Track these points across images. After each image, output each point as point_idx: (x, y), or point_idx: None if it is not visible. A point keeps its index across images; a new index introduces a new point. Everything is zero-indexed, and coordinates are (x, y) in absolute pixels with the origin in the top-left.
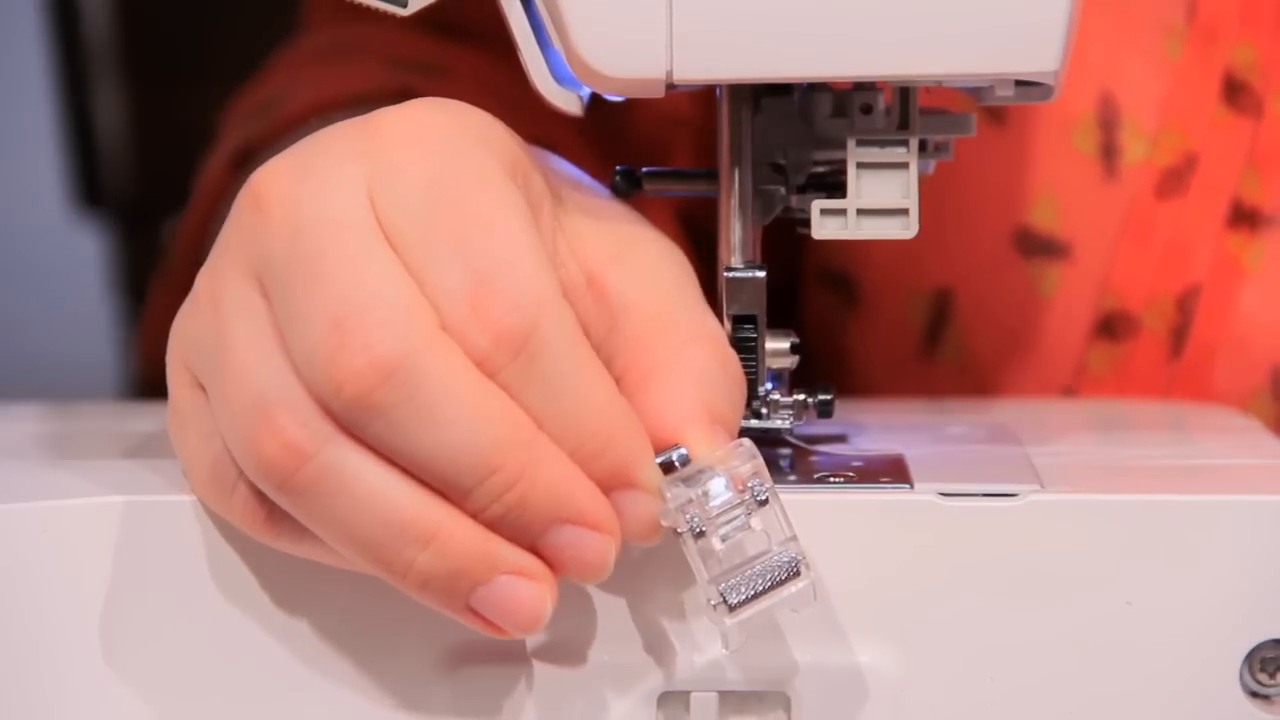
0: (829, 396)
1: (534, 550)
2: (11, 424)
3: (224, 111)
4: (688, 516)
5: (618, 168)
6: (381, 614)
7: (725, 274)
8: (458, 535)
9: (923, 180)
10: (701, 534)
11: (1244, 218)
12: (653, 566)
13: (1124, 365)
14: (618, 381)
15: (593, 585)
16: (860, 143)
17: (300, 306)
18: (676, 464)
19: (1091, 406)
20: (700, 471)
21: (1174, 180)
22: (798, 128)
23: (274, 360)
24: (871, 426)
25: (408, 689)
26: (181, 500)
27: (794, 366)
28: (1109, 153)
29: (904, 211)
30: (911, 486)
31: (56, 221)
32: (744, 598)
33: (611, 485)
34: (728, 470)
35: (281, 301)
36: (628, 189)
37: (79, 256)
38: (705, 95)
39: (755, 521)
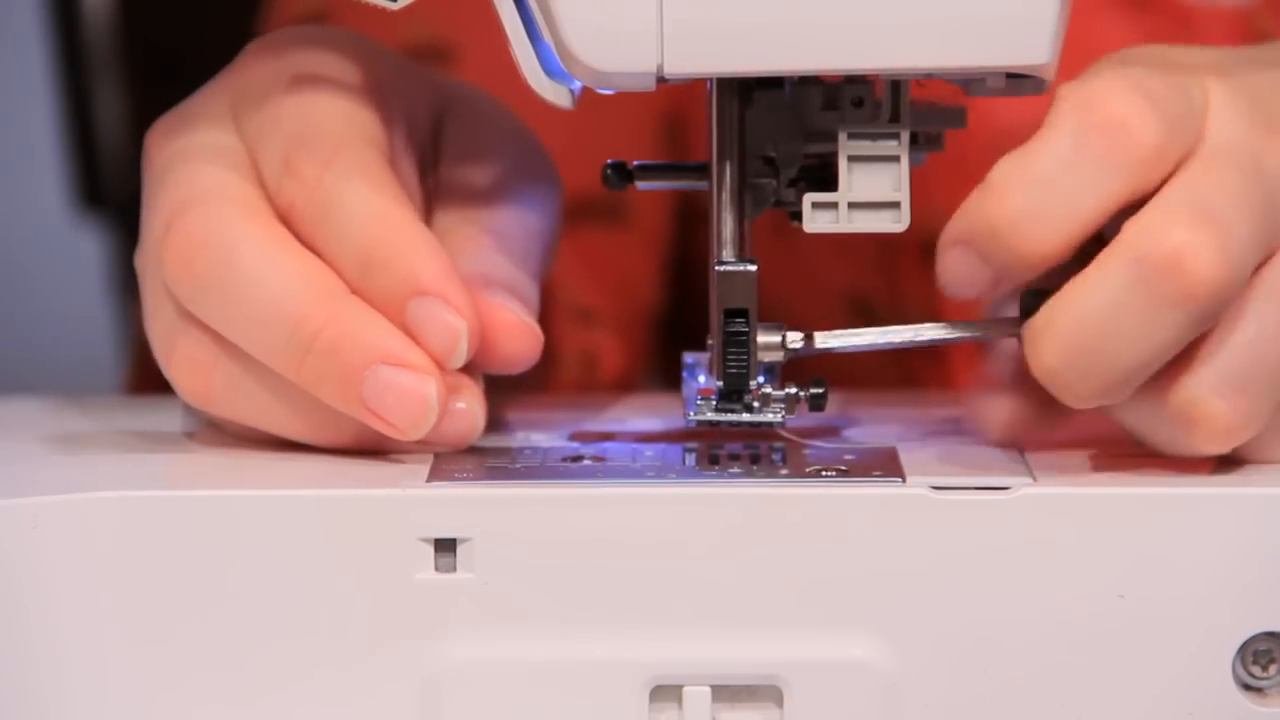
0: (821, 390)
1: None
2: (5, 419)
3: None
4: None
5: (608, 161)
6: (377, 609)
7: (716, 268)
8: None
9: (914, 173)
10: None
11: None
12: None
13: None
14: None
15: (589, 580)
16: (851, 136)
17: (147, 221)
18: None
19: None
20: None
21: None
22: (789, 121)
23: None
24: (864, 420)
25: (402, 685)
26: (174, 496)
27: (785, 360)
28: None
29: (895, 204)
30: (904, 480)
31: (57, 222)
32: None
33: (403, 296)
34: None
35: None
36: (619, 182)
37: (79, 257)
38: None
39: None
